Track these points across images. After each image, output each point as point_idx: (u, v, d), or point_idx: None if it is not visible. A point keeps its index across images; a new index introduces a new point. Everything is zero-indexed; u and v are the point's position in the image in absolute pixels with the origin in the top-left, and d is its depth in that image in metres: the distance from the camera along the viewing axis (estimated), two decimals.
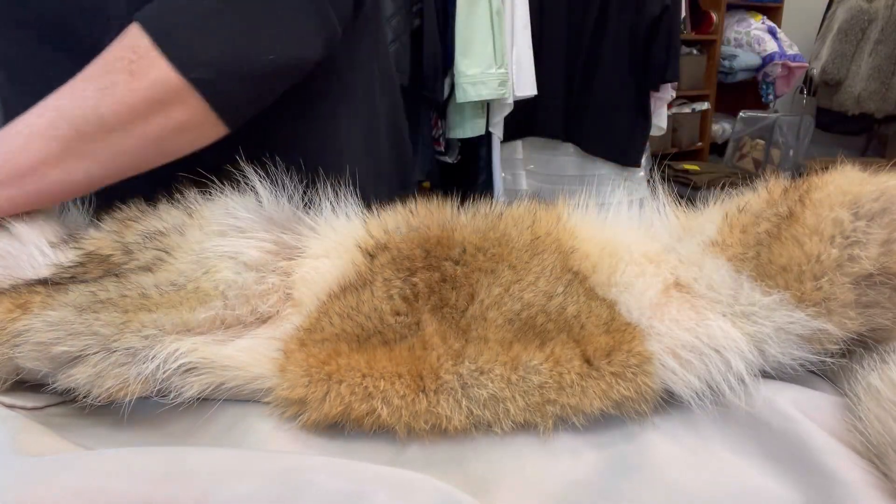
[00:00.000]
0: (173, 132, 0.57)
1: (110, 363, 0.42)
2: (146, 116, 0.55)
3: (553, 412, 0.43)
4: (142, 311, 0.44)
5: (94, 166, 0.56)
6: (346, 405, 0.42)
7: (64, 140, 0.54)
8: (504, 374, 0.43)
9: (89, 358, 0.42)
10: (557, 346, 0.44)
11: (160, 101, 0.55)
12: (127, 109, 0.54)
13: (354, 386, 0.42)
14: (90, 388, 0.42)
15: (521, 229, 0.51)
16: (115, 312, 0.44)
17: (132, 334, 0.43)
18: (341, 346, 0.45)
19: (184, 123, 0.57)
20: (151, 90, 0.55)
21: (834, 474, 0.37)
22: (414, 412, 0.42)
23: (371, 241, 0.50)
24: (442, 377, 0.43)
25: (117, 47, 0.55)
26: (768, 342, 0.44)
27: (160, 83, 0.55)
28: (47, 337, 0.42)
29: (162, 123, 0.56)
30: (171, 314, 0.44)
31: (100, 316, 0.43)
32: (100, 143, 0.55)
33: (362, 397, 0.42)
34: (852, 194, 0.45)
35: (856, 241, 0.44)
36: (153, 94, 0.55)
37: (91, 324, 0.43)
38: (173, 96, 0.55)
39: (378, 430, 0.43)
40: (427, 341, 0.45)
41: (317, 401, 0.42)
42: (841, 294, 0.43)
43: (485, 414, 0.43)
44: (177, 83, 0.55)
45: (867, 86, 3.54)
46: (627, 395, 0.43)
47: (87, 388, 0.42)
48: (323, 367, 0.43)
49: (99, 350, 0.42)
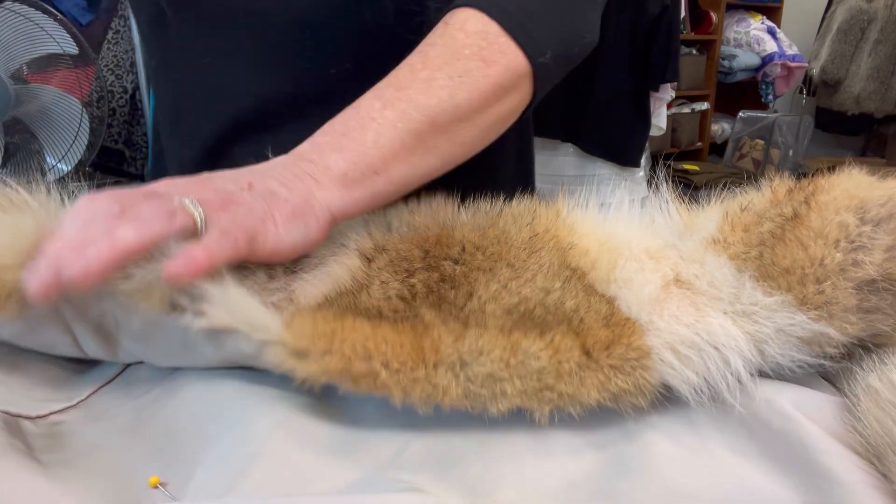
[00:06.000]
0: (504, 120, 0.57)
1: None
2: (491, 104, 0.54)
3: (550, 398, 0.43)
4: None
5: (435, 161, 0.53)
6: (347, 361, 0.41)
7: (417, 133, 0.50)
8: (503, 356, 0.43)
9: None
10: (558, 336, 0.44)
11: (505, 88, 0.54)
12: (479, 97, 0.53)
13: (357, 345, 0.42)
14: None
15: (521, 226, 0.51)
16: None
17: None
18: (346, 314, 0.44)
19: (514, 110, 0.57)
20: (503, 76, 0.53)
21: (833, 475, 0.37)
22: (412, 378, 0.42)
23: (370, 244, 0.50)
24: (442, 351, 0.43)
25: (460, 35, 0.53)
26: (768, 342, 0.44)
27: (511, 68, 0.54)
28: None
29: (500, 110, 0.55)
30: None
31: None
32: (447, 135, 0.53)
33: (363, 356, 0.42)
34: (859, 198, 0.45)
35: (860, 246, 0.44)
36: (503, 80, 0.54)
37: None
38: (516, 82, 0.55)
39: (375, 391, 0.42)
40: (428, 323, 0.45)
41: (318, 353, 0.42)
42: (843, 298, 0.43)
43: (481, 391, 0.42)
44: (524, 69, 0.54)
45: (867, 86, 3.55)
46: (625, 388, 0.43)
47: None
48: (329, 325, 0.43)
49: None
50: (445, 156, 0.54)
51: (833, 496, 0.36)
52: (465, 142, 0.55)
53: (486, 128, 0.56)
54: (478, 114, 0.54)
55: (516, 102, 0.57)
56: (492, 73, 0.53)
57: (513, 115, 0.58)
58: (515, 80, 0.55)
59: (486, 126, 0.55)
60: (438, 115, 0.51)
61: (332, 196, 0.47)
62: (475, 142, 0.56)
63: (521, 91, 0.56)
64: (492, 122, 0.56)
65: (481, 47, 0.53)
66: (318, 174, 0.47)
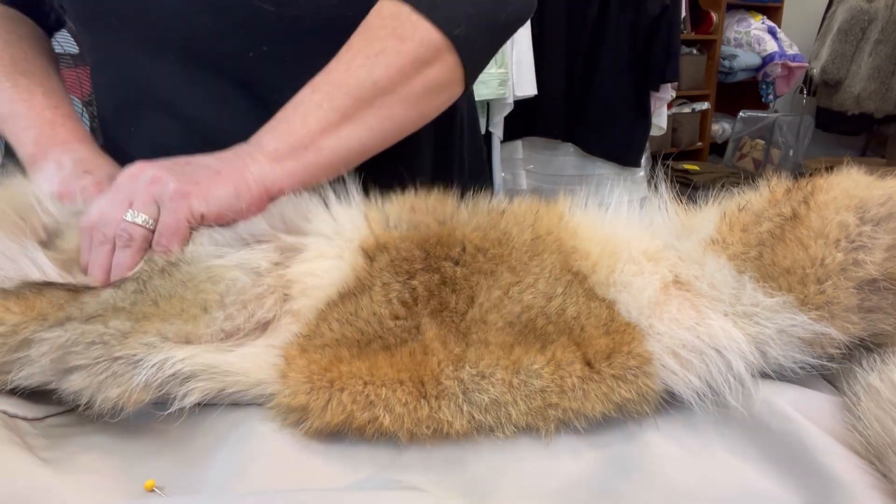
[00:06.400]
0: (431, 92, 0.61)
1: (113, 371, 0.42)
2: (411, 76, 0.59)
3: (555, 416, 0.43)
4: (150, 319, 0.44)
5: (365, 133, 0.58)
6: (348, 414, 0.42)
7: (341, 109, 0.56)
8: (505, 378, 0.43)
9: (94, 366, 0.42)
10: (559, 350, 0.44)
11: (423, 61, 0.59)
12: (396, 71, 0.58)
13: (356, 394, 0.42)
14: (93, 397, 0.42)
15: (523, 228, 0.50)
16: (127, 321, 0.44)
17: (136, 342, 0.42)
18: (342, 351, 0.44)
19: (440, 82, 0.61)
20: (418, 50, 0.58)
21: (833, 475, 0.37)
22: (416, 419, 0.42)
23: (371, 240, 0.50)
24: (443, 383, 0.43)
25: (375, 20, 0.59)
26: (770, 344, 0.44)
27: (426, 42, 0.59)
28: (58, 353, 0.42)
29: (423, 82, 0.60)
30: (174, 323, 0.44)
31: (109, 324, 0.43)
32: (372, 109, 0.58)
33: (364, 405, 0.42)
34: (859, 198, 0.45)
35: (861, 246, 0.44)
36: (418, 54, 0.58)
37: (102, 333, 0.43)
38: (434, 54, 0.59)
39: (380, 437, 0.42)
40: (428, 346, 0.44)
41: (318, 409, 0.42)
42: (844, 298, 0.43)
43: (486, 419, 0.42)
44: (439, 41, 0.59)
45: (867, 86, 3.54)
46: (629, 397, 0.43)
47: (90, 397, 0.42)
48: (325, 374, 0.43)
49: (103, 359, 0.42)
50: (375, 128, 0.59)
51: (833, 496, 0.36)
52: (392, 115, 0.59)
53: (414, 99, 0.60)
54: (399, 86, 0.58)
55: (441, 73, 0.61)
56: (406, 49, 0.58)
57: (444, 88, 0.63)
58: (433, 53, 0.59)
59: (412, 98, 0.60)
60: (359, 91, 0.57)
61: (262, 168, 0.54)
62: (405, 114, 0.61)
63: (443, 62, 0.60)
64: (418, 94, 0.60)
65: (395, 27, 0.58)
66: (252, 152, 0.55)
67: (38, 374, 0.43)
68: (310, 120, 0.56)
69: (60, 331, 0.43)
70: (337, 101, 0.56)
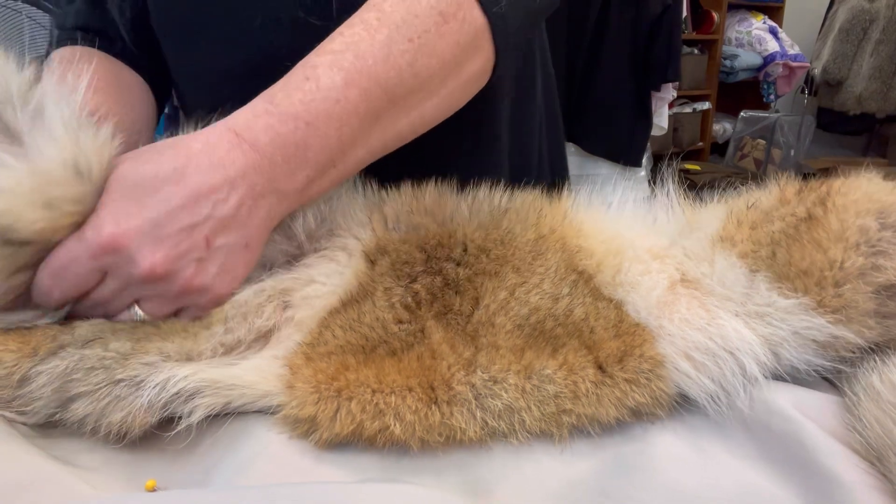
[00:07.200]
0: (465, 87, 0.55)
1: (115, 395, 0.41)
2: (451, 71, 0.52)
3: (569, 422, 0.42)
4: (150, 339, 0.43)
5: (390, 137, 0.52)
6: (358, 423, 0.40)
7: (376, 112, 0.49)
8: (518, 383, 0.42)
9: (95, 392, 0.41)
10: (570, 354, 0.43)
11: (463, 48, 0.52)
12: (438, 62, 0.50)
13: (365, 403, 0.41)
14: (98, 422, 0.41)
15: (526, 227, 0.50)
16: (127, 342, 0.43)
17: (137, 363, 0.42)
18: (348, 359, 0.43)
19: (477, 76, 0.55)
20: (459, 33, 0.51)
21: (834, 476, 0.36)
22: (427, 426, 0.41)
23: (372, 242, 0.49)
24: (455, 388, 0.42)
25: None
26: (784, 345, 0.43)
27: (467, 23, 0.52)
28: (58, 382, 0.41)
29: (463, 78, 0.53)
30: (175, 341, 0.43)
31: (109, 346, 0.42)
32: (405, 109, 0.51)
33: (374, 415, 0.41)
34: (880, 203, 0.45)
35: (881, 251, 0.43)
36: (459, 39, 0.51)
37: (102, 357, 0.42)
38: (472, 40, 0.53)
39: (391, 446, 0.41)
40: (436, 350, 0.43)
41: (327, 419, 0.41)
42: (862, 302, 0.43)
43: (500, 425, 0.41)
44: (479, 22, 0.52)
45: (868, 86, 3.54)
46: (643, 401, 0.42)
47: (94, 423, 0.41)
48: (332, 383, 0.42)
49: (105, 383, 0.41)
50: (404, 130, 0.53)
51: (833, 496, 0.36)
52: (423, 112, 0.53)
53: (447, 95, 0.53)
54: (439, 83, 0.52)
55: (478, 66, 0.54)
56: (447, 32, 0.50)
57: (477, 82, 0.56)
58: (472, 38, 0.52)
59: (446, 94, 0.53)
60: (399, 88, 0.49)
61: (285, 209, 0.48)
62: (437, 111, 0.54)
63: (481, 53, 0.54)
64: (452, 90, 0.54)
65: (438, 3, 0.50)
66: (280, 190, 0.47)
67: (42, 408, 0.42)
68: (345, 130, 0.48)
69: (56, 360, 0.42)
70: (374, 101, 0.48)
